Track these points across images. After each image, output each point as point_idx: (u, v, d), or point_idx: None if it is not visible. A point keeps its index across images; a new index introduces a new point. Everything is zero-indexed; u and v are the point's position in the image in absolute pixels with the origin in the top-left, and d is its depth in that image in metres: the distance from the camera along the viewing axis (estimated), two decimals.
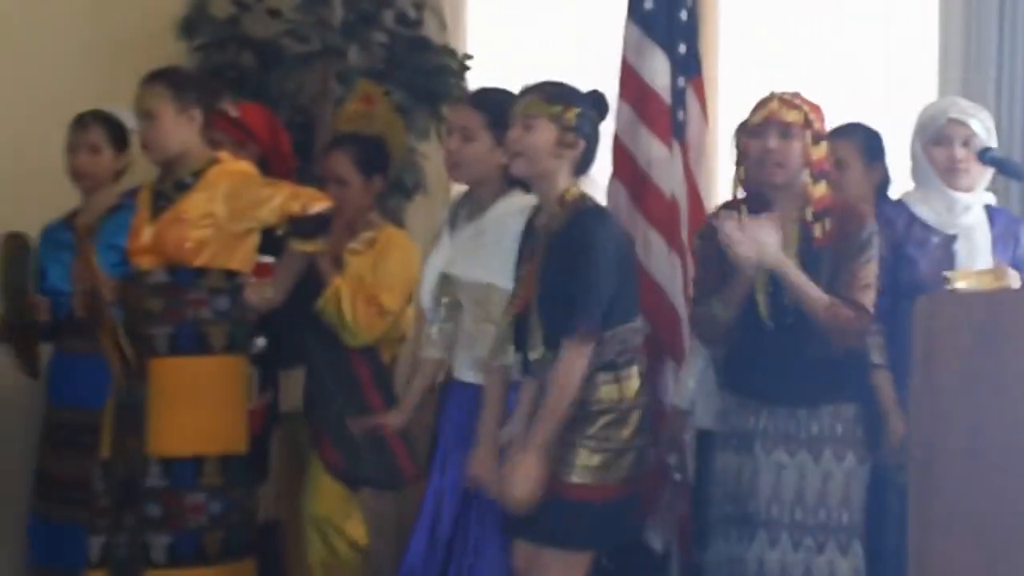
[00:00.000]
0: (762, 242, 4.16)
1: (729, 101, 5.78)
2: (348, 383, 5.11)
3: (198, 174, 4.82)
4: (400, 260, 5.09)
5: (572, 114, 4.25)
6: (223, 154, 4.90)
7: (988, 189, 4.76)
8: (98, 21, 6.16)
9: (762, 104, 4.35)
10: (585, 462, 4.17)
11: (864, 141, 4.97)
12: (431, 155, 5.67)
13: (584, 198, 4.26)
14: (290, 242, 4.84)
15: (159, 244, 4.78)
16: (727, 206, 4.44)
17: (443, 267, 4.56)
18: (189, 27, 6.30)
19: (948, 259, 4.58)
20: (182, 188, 4.81)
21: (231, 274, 4.82)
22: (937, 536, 4.08)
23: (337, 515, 5.09)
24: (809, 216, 4.31)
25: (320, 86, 6.20)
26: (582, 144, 4.21)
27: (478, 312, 4.48)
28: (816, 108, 4.34)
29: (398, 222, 5.67)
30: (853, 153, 4.87)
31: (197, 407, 4.83)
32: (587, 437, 4.16)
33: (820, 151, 4.33)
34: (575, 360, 4.11)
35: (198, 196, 4.78)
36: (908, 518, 4.07)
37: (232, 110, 5.16)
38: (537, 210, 4.31)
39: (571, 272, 4.12)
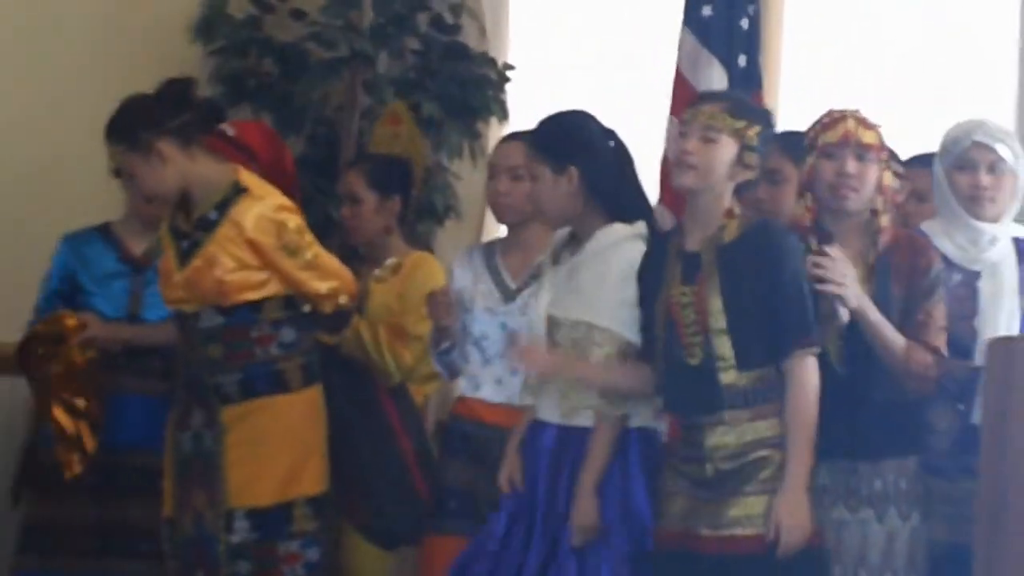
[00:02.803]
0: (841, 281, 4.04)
1: (791, 120, 5.34)
2: (377, 427, 4.92)
3: (222, 207, 4.55)
4: (427, 285, 4.83)
5: (754, 132, 4.06)
6: (243, 174, 4.62)
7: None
8: (111, 23, 5.94)
9: (835, 122, 4.13)
10: (753, 509, 4.08)
11: (796, 145, 4.65)
12: (464, 175, 5.47)
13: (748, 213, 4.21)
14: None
15: (195, 290, 4.56)
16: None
17: (548, 307, 4.39)
18: (205, 29, 5.97)
19: (971, 298, 4.34)
20: (207, 226, 4.55)
21: (289, 300, 4.61)
22: None
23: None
24: (878, 250, 4.18)
25: (346, 96, 5.90)
26: (758, 167, 4.07)
27: (575, 354, 4.29)
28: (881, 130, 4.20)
29: (427, 247, 5.47)
30: (791, 165, 4.54)
31: (282, 450, 4.64)
32: (761, 481, 4.06)
33: (889, 177, 4.17)
34: (809, 374, 4.01)
35: (226, 239, 4.55)
36: None
37: (229, 129, 4.92)
38: (672, 234, 4.22)
39: (771, 284, 4.04)
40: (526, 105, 5.91)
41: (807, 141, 4.19)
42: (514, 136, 4.80)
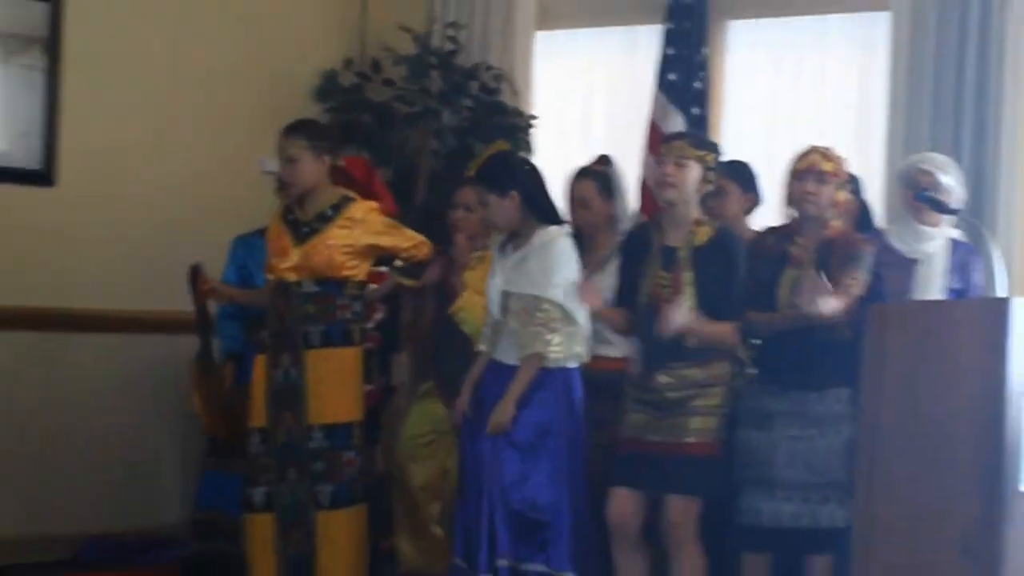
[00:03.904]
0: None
1: (730, 152, 5.46)
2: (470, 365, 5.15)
3: (337, 207, 4.96)
4: None
5: (711, 158, 4.44)
6: (345, 190, 5.06)
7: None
8: (257, 91, 6.50)
9: (806, 155, 4.46)
10: (703, 425, 4.39)
11: (742, 174, 5.07)
12: None
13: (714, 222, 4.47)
14: (397, 276, 5.21)
15: (308, 263, 4.91)
16: (774, 230, 4.61)
17: (502, 285, 4.72)
18: (322, 94, 6.55)
19: (909, 279, 4.70)
20: (325, 219, 4.96)
21: (361, 284, 5.02)
22: (879, 491, 4.14)
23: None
24: (819, 238, 4.45)
25: (421, 140, 6.44)
26: (715, 182, 4.44)
27: (526, 317, 4.63)
28: (843, 161, 4.48)
29: None
30: (732, 183, 4.96)
31: (346, 385, 5.00)
32: (695, 408, 4.38)
33: (842, 194, 4.45)
34: (733, 339, 4.42)
35: (340, 228, 4.96)
36: (857, 479, 4.18)
37: (339, 162, 5.32)
38: (652, 228, 4.51)
39: (724, 275, 4.38)
40: (547, 144, 6.39)
41: (788, 168, 4.44)
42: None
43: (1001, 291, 4.38)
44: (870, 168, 5.48)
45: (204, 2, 6.38)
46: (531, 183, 4.72)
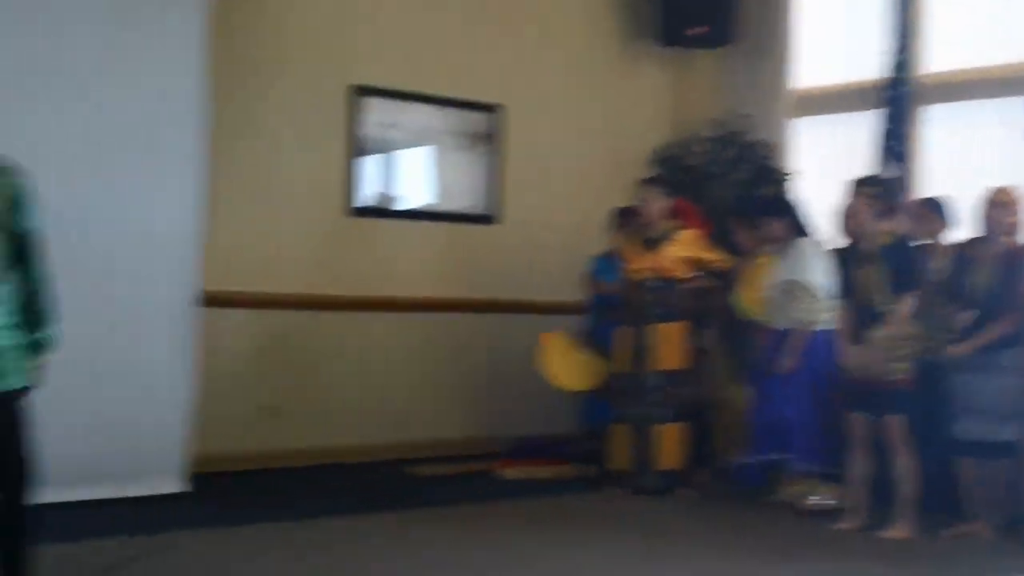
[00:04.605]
0: None
1: (928, 193, 6.04)
2: (748, 339, 5.79)
3: (671, 232, 5.75)
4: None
5: (874, 190, 5.21)
6: (679, 221, 5.93)
7: None
8: (616, 162, 7.17)
9: (994, 190, 4.90)
10: (903, 367, 4.84)
11: (936, 206, 5.40)
12: None
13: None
14: (706, 279, 5.75)
15: (653, 267, 5.71)
16: (973, 241, 5.01)
17: (777, 277, 5.48)
18: (657, 161, 7.22)
19: None
20: (663, 239, 5.78)
21: (685, 282, 5.73)
22: None
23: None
24: (1010, 247, 4.88)
25: (720, 191, 6.96)
26: (880, 205, 5.05)
27: (789, 295, 5.28)
28: (1019, 197, 4.88)
29: None
30: (930, 212, 5.38)
31: (676, 346, 5.72)
32: (903, 353, 4.85)
33: (1015, 219, 4.86)
34: (906, 305, 4.74)
35: (675, 245, 5.77)
36: None
37: (671, 202, 6.02)
38: (858, 239, 4.97)
39: (901, 262, 4.81)
40: (801, 190, 6.59)
41: (983, 199, 4.90)
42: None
43: None
44: None
45: (583, 114, 7.18)
46: (790, 211, 5.62)
